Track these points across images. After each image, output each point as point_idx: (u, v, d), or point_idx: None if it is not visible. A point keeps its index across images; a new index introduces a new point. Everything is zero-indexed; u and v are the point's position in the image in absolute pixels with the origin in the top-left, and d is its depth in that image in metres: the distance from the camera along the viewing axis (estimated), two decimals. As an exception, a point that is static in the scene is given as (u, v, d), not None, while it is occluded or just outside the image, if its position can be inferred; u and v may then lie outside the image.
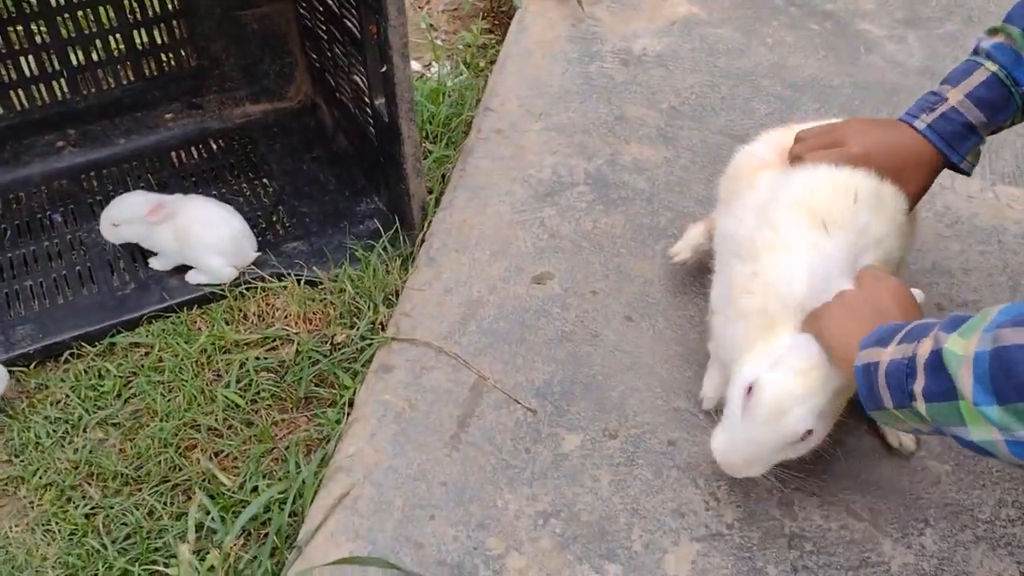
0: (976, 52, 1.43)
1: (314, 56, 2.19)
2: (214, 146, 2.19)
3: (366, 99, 1.87)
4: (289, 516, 1.41)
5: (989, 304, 1.67)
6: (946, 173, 1.48)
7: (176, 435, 1.58)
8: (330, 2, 1.89)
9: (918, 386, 1.05)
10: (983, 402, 0.96)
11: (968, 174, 1.46)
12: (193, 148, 2.18)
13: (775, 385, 1.23)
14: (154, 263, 1.86)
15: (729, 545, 1.36)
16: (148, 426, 1.60)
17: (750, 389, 1.26)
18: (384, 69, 1.68)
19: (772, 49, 2.45)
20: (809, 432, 1.25)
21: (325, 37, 2.03)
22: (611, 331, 1.68)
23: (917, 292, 1.33)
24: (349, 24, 1.82)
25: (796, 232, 1.33)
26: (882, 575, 1.33)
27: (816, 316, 1.27)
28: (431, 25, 2.74)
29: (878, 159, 1.39)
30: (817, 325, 1.26)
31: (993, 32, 1.43)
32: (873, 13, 2.61)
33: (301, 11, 2.14)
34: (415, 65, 2.59)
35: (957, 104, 1.40)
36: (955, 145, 1.41)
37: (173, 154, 2.16)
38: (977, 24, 2.56)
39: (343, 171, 2.12)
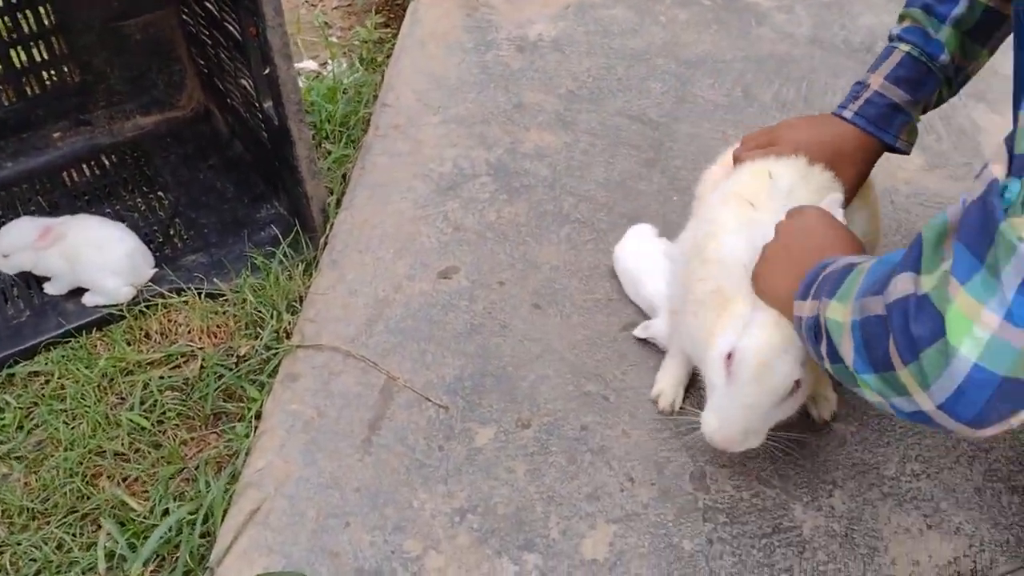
0: (890, 39, 1.49)
1: (202, 62, 2.13)
2: (106, 162, 2.12)
3: (255, 103, 1.83)
4: (201, 537, 1.38)
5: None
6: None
7: (82, 463, 1.53)
8: (210, 6, 1.84)
9: (823, 347, 1.09)
10: (862, 370, 0.99)
11: (906, 152, 1.52)
12: (84, 166, 2.11)
13: (754, 341, 1.24)
14: (49, 288, 1.79)
15: (645, 524, 1.37)
16: (52, 456, 1.55)
17: (730, 356, 1.26)
18: (267, 71, 1.64)
19: (665, 27, 2.47)
20: (797, 383, 1.26)
21: (210, 42, 1.98)
22: (519, 320, 1.68)
23: (835, 197, 1.34)
24: (230, 27, 1.78)
25: (728, 215, 1.38)
26: (795, 539, 1.36)
27: (753, 279, 1.29)
28: (325, 23, 2.70)
29: (809, 153, 1.44)
30: (757, 288, 1.28)
31: (900, 19, 1.49)
32: (762, -15, 2.65)
33: (184, 17, 2.09)
34: (311, 64, 2.55)
35: (879, 88, 1.46)
36: (884, 126, 1.47)
37: (64, 174, 2.09)
38: (862, -10, 2.62)
39: (241, 178, 2.08)
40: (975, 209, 0.87)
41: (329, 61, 2.50)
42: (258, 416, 1.55)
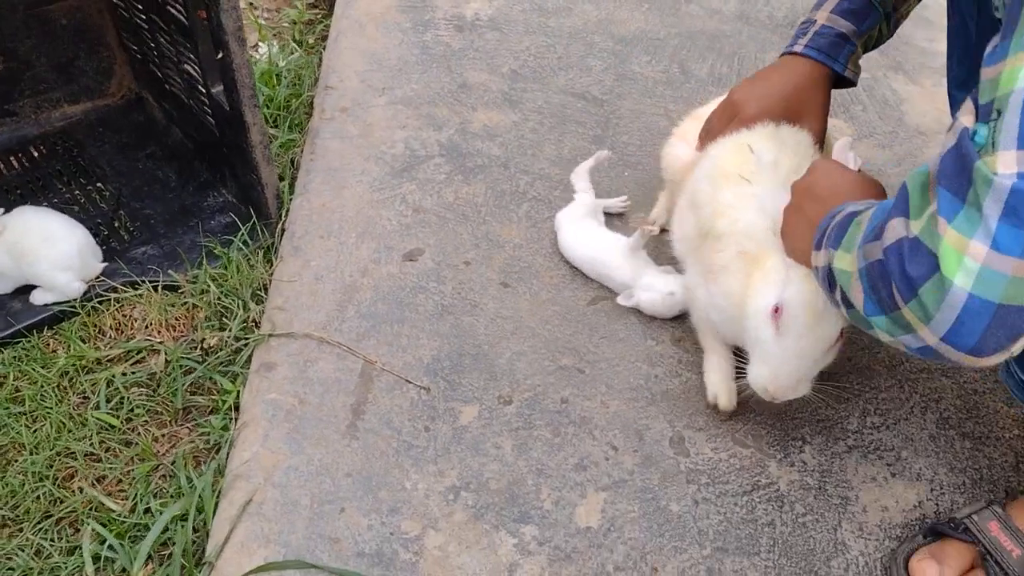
0: None
1: (134, 48, 2.05)
2: (35, 153, 2.02)
3: (201, 88, 1.78)
4: (192, 532, 1.36)
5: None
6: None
7: (51, 466, 1.47)
8: (150, -11, 1.78)
9: (837, 295, 1.15)
10: (872, 313, 1.05)
11: (853, 84, 1.60)
12: (12, 158, 2.01)
13: (804, 292, 1.28)
14: None
15: (633, 489, 1.42)
16: (17, 461, 1.48)
17: (777, 310, 1.30)
18: (220, 56, 1.60)
19: (598, 5, 2.51)
20: (842, 332, 1.32)
21: (146, 27, 1.91)
22: (490, 299, 1.69)
23: (844, 141, 1.37)
24: (174, 11, 1.72)
25: (728, 196, 1.43)
26: (773, 495, 1.43)
27: (783, 242, 1.35)
28: (251, 3, 2.63)
29: (773, 109, 1.52)
30: (786, 250, 1.34)
31: None
32: (687, -37, 2.71)
33: (114, 1, 2.00)
34: (240, 48, 2.48)
35: (826, 21, 1.54)
36: (834, 54, 1.54)
37: (-11, 166, 1.99)
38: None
39: (183, 166, 2.02)
40: (950, 156, 0.95)
41: (260, 43, 2.44)
42: (235, 408, 1.52)
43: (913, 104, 2.28)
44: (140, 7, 1.88)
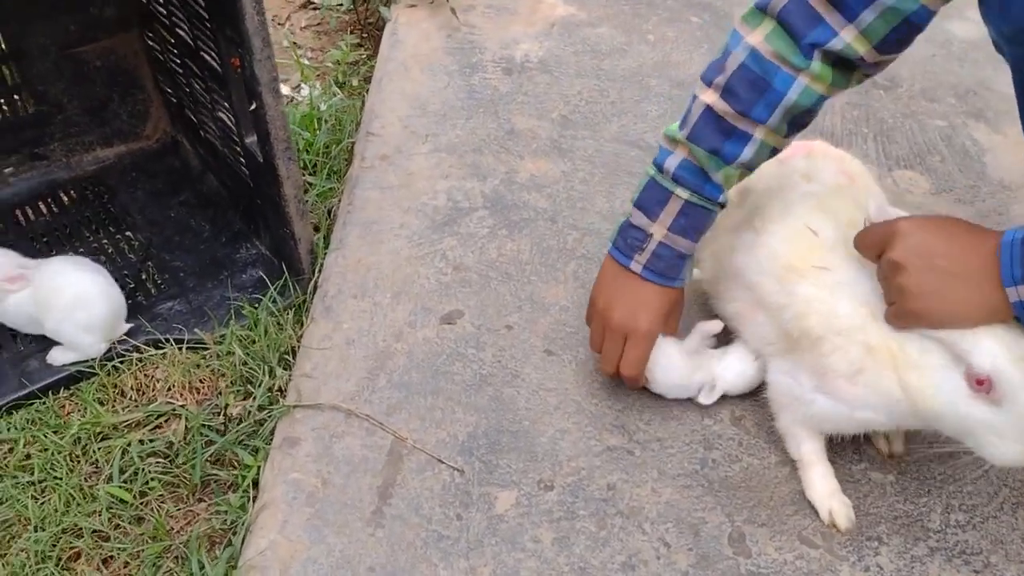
0: (661, 170, 1.38)
1: (170, 91, 1.98)
2: (65, 199, 1.95)
3: (235, 137, 1.69)
4: (199, 629, 1.25)
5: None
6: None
7: (55, 545, 1.38)
8: (182, 34, 1.70)
9: None
10: None
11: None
12: (41, 203, 1.94)
13: (999, 351, 1.13)
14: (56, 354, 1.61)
15: (687, 595, 1.27)
16: (21, 537, 1.39)
17: (981, 383, 1.15)
18: (253, 107, 1.51)
19: (655, 46, 2.38)
20: None
21: (181, 71, 1.83)
22: (532, 368, 1.56)
23: (878, 203, 1.26)
24: (207, 57, 1.64)
25: (810, 290, 1.34)
26: (846, 605, 1.27)
27: (917, 320, 1.20)
28: (295, 43, 2.56)
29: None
30: (929, 324, 1.19)
31: (673, 142, 1.38)
32: (750, 1, 2.57)
33: (150, 43, 1.93)
34: (283, 88, 2.40)
35: (663, 239, 1.39)
36: (671, 275, 1.42)
37: (18, 212, 1.92)
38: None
39: (217, 214, 1.93)
40: None
41: (302, 84, 2.36)
42: (254, 484, 1.41)
43: (996, 155, 2.10)
44: (175, 52, 1.81)
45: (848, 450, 1.46)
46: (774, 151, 1.38)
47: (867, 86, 2.31)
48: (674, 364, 1.48)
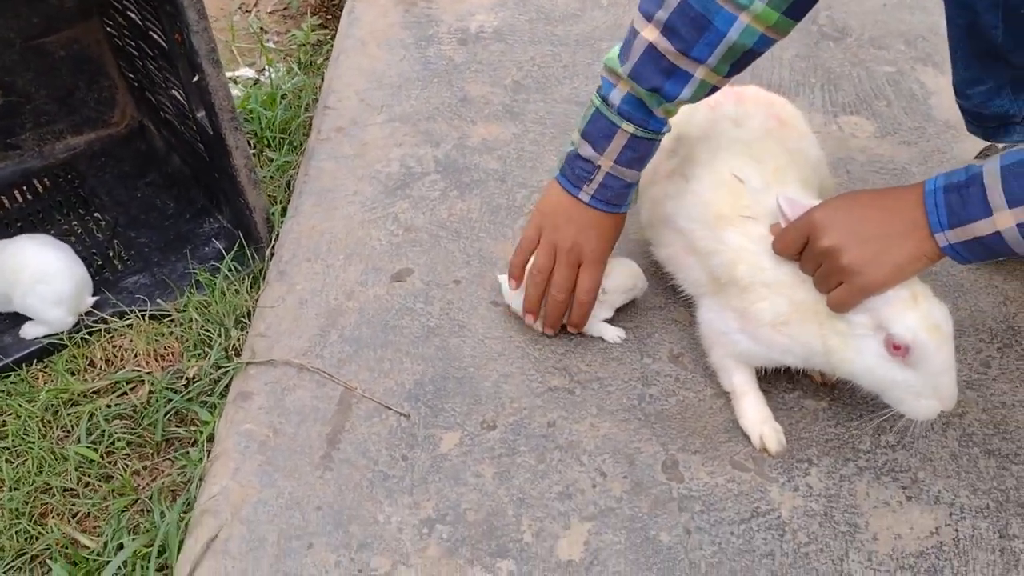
0: (606, 102, 1.41)
1: (132, 76, 2.05)
2: (38, 186, 2.03)
3: (188, 114, 1.75)
4: (158, 570, 1.32)
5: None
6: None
7: (27, 503, 1.45)
8: (132, 15, 1.76)
9: None
10: None
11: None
12: (16, 191, 2.01)
13: (914, 320, 1.21)
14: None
15: (620, 519, 1.33)
16: (-3, 498, 1.47)
17: (898, 348, 1.22)
18: (196, 79, 1.57)
19: (607, 10, 2.43)
20: None
21: (137, 53, 1.90)
22: (478, 319, 1.62)
23: (784, 199, 1.31)
24: (155, 36, 1.70)
25: (735, 238, 1.39)
26: (773, 523, 1.33)
27: (851, 278, 1.24)
28: (261, 28, 2.62)
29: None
30: (861, 284, 1.23)
31: (615, 75, 1.40)
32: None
33: (109, 29, 2.00)
34: (248, 72, 2.47)
35: (610, 170, 1.44)
36: (617, 202, 1.48)
37: (-7, 200, 2.00)
38: None
39: (181, 193, 2.00)
40: None
41: (267, 67, 2.42)
42: (211, 439, 1.48)
43: (942, 97, 2.14)
44: (129, 35, 1.87)
45: (782, 379, 1.51)
46: (714, 89, 1.41)
47: (816, 37, 2.35)
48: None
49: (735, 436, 1.44)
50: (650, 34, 1.34)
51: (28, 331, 1.68)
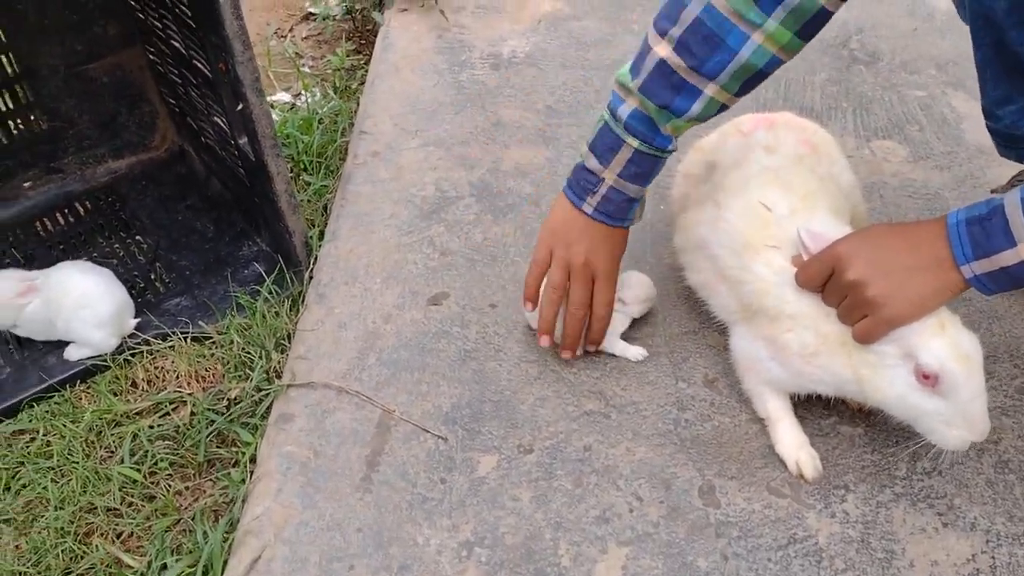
0: (614, 117, 1.44)
1: (173, 102, 2.10)
2: (80, 209, 2.08)
3: (230, 140, 1.79)
4: (201, 591, 1.34)
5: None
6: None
7: (73, 522, 1.48)
8: (176, 44, 1.81)
9: None
10: None
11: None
12: (58, 214, 2.06)
13: (943, 350, 1.22)
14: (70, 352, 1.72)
15: (657, 544, 1.34)
16: (42, 517, 1.50)
17: (927, 377, 1.23)
18: (240, 107, 1.61)
19: (639, 35, 2.44)
20: None
21: (179, 81, 1.94)
22: (514, 342, 1.64)
23: (805, 232, 1.32)
24: (199, 65, 1.74)
25: (761, 269, 1.40)
26: (811, 549, 1.33)
27: (874, 310, 1.25)
28: (296, 54, 2.67)
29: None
30: (883, 318, 1.25)
31: (626, 90, 1.42)
32: (732, -13, 2.63)
33: (152, 57, 2.05)
34: (285, 96, 2.52)
35: (613, 183, 1.46)
36: (619, 215, 1.50)
37: (37, 224, 2.04)
38: None
39: (221, 216, 2.04)
40: None
41: (303, 92, 2.47)
42: (253, 460, 1.51)
43: (974, 122, 2.14)
44: (172, 63, 1.92)
45: (818, 406, 1.52)
46: (723, 107, 1.43)
47: (847, 61, 2.36)
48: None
49: (771, 462, 1.44)
50: (663, 50, 1.35)
51: (72, 353, 1.72)
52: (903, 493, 1.41)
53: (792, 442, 1.45)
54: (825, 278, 1.30)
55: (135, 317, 1.75)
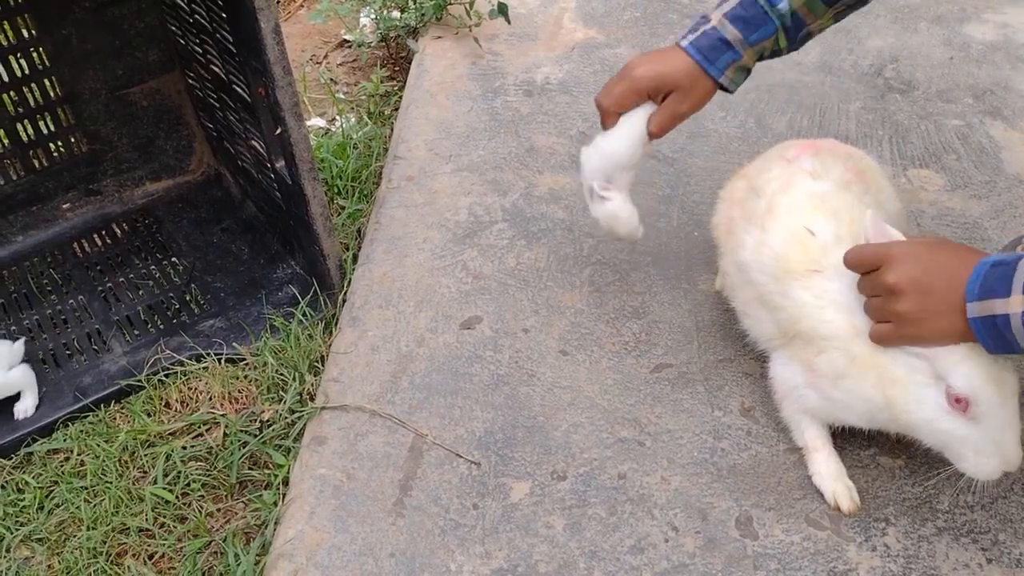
0: None
1: (211, 126, 2.12)
2: (117, 231, 2.10)
3: (267, 163, 1.81)
4: (233, 614, 1.33)
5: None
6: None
7: (105, 542, 1.48)
8: (216, 69, 1.83)
9: None
10: None
11: (730, 91, 1.56)
12: (96, 236, 2.09)
13: (976, 372, 1.19)
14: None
15: None
16: (75, 536, 1.50)
17: (959, 401, 1.21)
18: (279, 131, 1.62)
19: (672, 63, 2.45)
20: None
21: (218, 105, 1.96)
22: (547, 368, 1.63)
23: (872, 216, 1.31)
24: (238, 89, 1.76)
25: (801, 293, 1.39)
26: (851, 582, 1.30)
27: (901, 333, 1.25)
28: (331, 79, 2.70)
29: (651, 84, 1.53)
30: (907, 338, 1.24)
31: None
32: (766, 16, 2.63)
33: (191, 81, 2.08)
34: (320, 121, 2.54)
35: (716, 23, 1.49)
36: (711, 57, 1.50)
37: (75, 245, 2.07)
38: (872, 13, 2.60)
39: (256, 239, 2.06)
40: None
41: (337, 117, 2.49)
42: (285, 483, 1.50)
43: (1013, 151, 2.12)
44: (211, 87, 1.94)
45: (858, 437, 1.49)
46: (796, 16, 1.47)
47: (882, 90, 2.35)
48: (616, 137, 1.61)
49: (810, 493, 1.42)
50: None
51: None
52: (945, 527, 1.38)
53: (829, 472, 1.42)
54: (870, 268, 1.28)
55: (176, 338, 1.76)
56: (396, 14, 2.68)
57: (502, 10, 2.47)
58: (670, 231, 1.90)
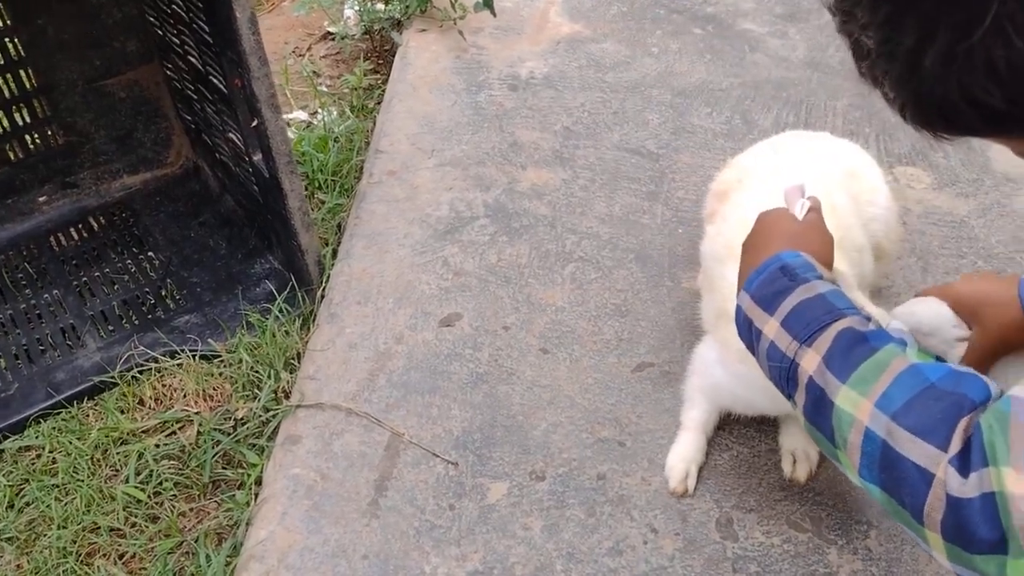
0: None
1: (189, 118, 2.09)
2: (94, 224, 2.06)
3: (244, 156, 1.78)
4: (202, 616, 1.31)
5: (901, 288, 1.66)
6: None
7: (75, 542, 1.45)
8: (193, 60, 1.80)
9: (799, 398, 0.95)
10: (868, 479, 0.86)
11: None
12: (72, 229, 2.05)
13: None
14: None
15: (672, 578, 1.30)
16: (45, 536, 1.47)
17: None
18: (255, 123, 1.59)
19: (658, 58, 2.43)
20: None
21: (195, 97, 1.93)
22: (527, 366, 1.61)
23: (793, 186, 1.23)
24: (215, 81, 1.73)
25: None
26: (831, 586, 1.28)
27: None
28: (314, 72, 2.66)
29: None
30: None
31: None
32: (753, 12, 2.62)
33: (169, 73, 2.04)
34: (302, 114, 2.50)
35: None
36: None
37: (51, 239, 2.03)
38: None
39: (234, 233, 2.02)
40: None
41: (319, 110, 2.45)
42: (258, 482, 1.48)
43: (1001, 149, 2.08)
44: (189, 79, 1.91)
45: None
46: None
47: (870, 87, 2.32)
48: None
49: (792, 494, 1.40)
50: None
51: None
52: (928, 530, 1.36)
53: (683, 453, 1.42)
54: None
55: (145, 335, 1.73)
56: (380, 6, 2.64)
57: (487, 3, 2.44)
58: (654, 228, 1.87)
